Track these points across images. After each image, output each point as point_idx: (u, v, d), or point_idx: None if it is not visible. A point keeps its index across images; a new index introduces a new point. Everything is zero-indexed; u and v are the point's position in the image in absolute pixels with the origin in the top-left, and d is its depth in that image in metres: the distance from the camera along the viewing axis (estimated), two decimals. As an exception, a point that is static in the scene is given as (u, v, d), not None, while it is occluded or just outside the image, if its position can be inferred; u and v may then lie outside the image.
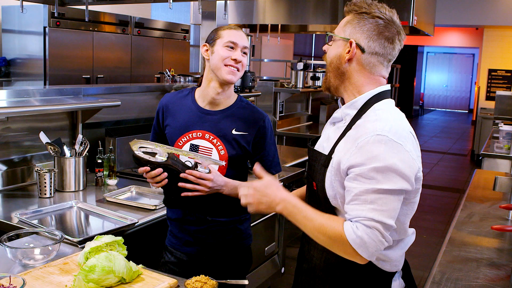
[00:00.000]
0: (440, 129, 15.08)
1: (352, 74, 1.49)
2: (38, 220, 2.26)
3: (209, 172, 1.87)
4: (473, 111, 15.35)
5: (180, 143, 2.01)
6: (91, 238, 1.78)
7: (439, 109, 21.18)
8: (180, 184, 1.84)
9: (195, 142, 1.99)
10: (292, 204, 1.47)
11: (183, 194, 1.86)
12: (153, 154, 1.86)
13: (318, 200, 1.52)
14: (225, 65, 1.93)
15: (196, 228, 2.04)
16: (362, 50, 1.46)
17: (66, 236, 1.97)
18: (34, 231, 1.96)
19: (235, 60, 1.93)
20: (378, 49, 1.47)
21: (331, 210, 1.48)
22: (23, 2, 3.54)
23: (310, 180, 1.56)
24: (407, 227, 1.53)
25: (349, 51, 1.47)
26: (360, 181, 1.37)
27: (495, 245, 2.09)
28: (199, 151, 1.98)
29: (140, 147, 1.86)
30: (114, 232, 2.09)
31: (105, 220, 2.32)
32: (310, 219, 1.44)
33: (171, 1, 3.28)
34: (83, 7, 3.89)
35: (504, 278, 1.74)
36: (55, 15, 4.92)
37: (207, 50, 2.00)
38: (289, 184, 3.29)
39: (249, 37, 4.13)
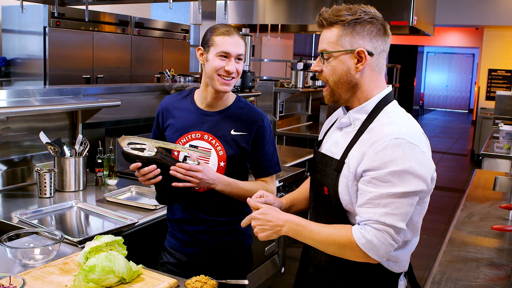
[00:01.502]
0: (440, 129, 15.09)
1: (364, 82, 1.47)
2: (38, 220, 2.26)
3: (198, 164, 1.87)
4: (473, 111, 15.35)
5: (180, 144, 2.01)
6: (91, 238, 1.78)
7: (439, 109, 21.18)
8: (171, 172, 1.83)
9: (194, 143, 1.99)
10: (295, 223, 1.49)
11: (173, 184, 1.84)
12: (142, 149, 1.85)
13: (329, 204, 1.52)
14: (219, 75, 1.91)
15: (196, 229, 2.03)
16: (371, 54, 1.45)
17: (66, 236, 1.97)
18: (34, 231, 1.96)
19: (228, 71, 1.90)
20: (382, 47, 1.47)
21: (342, 214, 1.48)
22: (23, 2, 3.54)
23: (320, 184, 1.55)
24: (419, 226, 1.54)
25: (358, 61, 1.44)
26: (375, 184, 1.38)
27: (495, 245, 2.09)
28: None
29: (128, 143, 1.85)
30: (114, 232, 2.09)
31: (105, 220, 2.32)
32: (316, 233, 1.46)
33: (171, 1, 3.28)
34: (83, 7, 3.90)
35: (504, 278, 1.74)
36: (55, 15, 4.92)
37: (201, 54, 1.97)
38: (289, 184, 3.29)
39: (249, 37, 4.13)
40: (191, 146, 1.98)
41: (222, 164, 1.97)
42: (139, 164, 1.82)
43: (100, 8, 5.77)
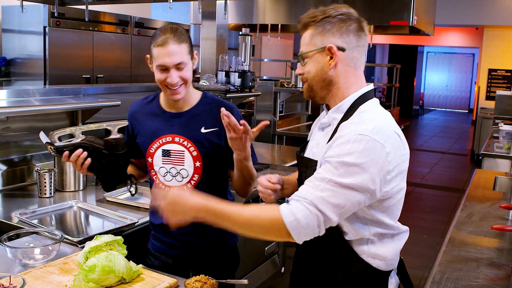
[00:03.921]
0: (440, 129, 15.08)
1: (339, 78, 1.49)
2: (38, 220, 2.27)
3: (121, 136, 1.90)
4: (473, 111, 15.34)
5: (152, 150, 1.96)
6: (91, 238, 1.78)
7: (439, 109, 21.18)
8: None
9: (166, 147, 1.94)
10: (210, 207, 1.44)
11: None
12: (71, 140, 1.89)
13: None
14: (165, 86, 1.86)
15: (181, 231, 1.97)
16: (343, 50, 1.46)
17: (66, 236, 1.97)
18: (34, 231, 1.96)
19: (169, 83, 1.84)
20: (356, 42, 1.47)
21: None
22: (23, 2, 3.54)
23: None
24: (393, 223, 1.52)
25: (331, 57, 1.46)
26: (325, 166, 1.39)
27: (495, 245, 2.09)
28: (171, 156, 1.94)
29: (58, 138, 1.90)
30: (114, 232, 2.09)
31: (105, 220, 2.32)
32: (237, 214, 1.42)
33: (171, 1, 3.28)
34: (83, 7, 3.90)
35: (504, 278, 1.74)
36: (55, 15, 4.92)
37: (150, 63, 1.90)
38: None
39: (249, 37, 4.13)
40: (163, 150, 1.94)
41: (198, 164, 1.93)
42: (67, 152, 1.85)
43: (100, 8, 5.77)
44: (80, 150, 1.85)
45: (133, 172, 2.10)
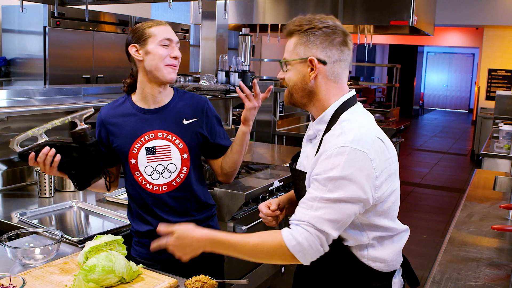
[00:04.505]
0: (440, 129, 15.09)
1: (319, 89, 1.49)
2: (38, 220, 2.27)
3: (88, 126, 1.86)
4: (473, 111, 15.35)
5: (134, 150, 1.91)
6: (91, 238, 1.78)
7: (439, 109, 21.18)
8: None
9: (149, 144, 1.91)
10: (216, 239, 1.48)
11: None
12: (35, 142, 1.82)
13: None
14: (166, 65, 1.87)
15: None
16: (324, 63, 1.46)
17: (66, 236, 1.97)
18: (34, 231, 1.96)
19: (174, 57, 1.89)
20: (338, 56, 1.48)
21: None
22: (23, 2, 3.54)
23: (298, 198, 1.57)
24: (391, 225, 1.53)
25: (312, 69, 1.46)
26: (314, 186, 1.40)
27: (495, 245, 2.09)
28: (157, 152, 1.91)
29: (19, 144, 1.80)
30: (114, 232, 2.10)
31: (105, 220, 2.32)
32: (242, 244, 1.45)
33: (171, 1, 3.29)
34: (83, 7, 3.90)
35: (504, 278, 1.74)
36: (55, 15, 4.93)
37: (137, 50, 1.89)
38: (289, 184, 3.28)
39: (249, 37, 4.13)
40: (147, 148, 1.91)
41: (185, 156, 1.93)
42: (33, 154, 1.78)
43: (100, 8, 5.77)
44: (47, 148, 1.77)
45: None
